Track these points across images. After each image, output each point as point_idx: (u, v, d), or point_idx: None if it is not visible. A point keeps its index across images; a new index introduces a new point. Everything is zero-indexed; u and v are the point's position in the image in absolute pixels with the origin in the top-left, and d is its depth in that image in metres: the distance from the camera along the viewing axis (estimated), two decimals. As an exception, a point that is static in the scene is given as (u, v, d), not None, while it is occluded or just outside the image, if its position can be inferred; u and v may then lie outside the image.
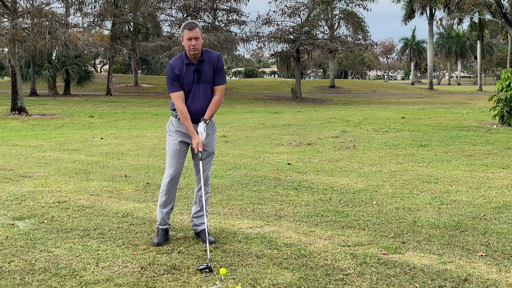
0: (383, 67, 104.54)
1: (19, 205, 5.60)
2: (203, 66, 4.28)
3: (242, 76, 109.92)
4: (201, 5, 37.48)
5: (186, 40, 4.19)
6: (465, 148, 9.88)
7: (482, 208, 5.38)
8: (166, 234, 4.40)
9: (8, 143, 11.41)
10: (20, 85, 21.48)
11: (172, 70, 4.27)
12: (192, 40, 4.16)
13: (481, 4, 29.02)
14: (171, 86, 4.28)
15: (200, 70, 4.26)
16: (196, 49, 4.19)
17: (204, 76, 4.28)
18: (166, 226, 4.42)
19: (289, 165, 8.20)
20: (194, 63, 4.26)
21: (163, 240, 4.33)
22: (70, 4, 28.58)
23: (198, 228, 4.44)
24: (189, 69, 4.26)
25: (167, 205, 4.43)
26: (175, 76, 4.25)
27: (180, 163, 4.38)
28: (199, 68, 4.26)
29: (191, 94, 4.29)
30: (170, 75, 4.28)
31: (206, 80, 4.30)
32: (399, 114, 19.81)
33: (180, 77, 4.25)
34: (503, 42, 67.23)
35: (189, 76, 4.25)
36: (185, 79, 4.26)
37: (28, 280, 3.55)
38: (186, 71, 4.25)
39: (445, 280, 3.53)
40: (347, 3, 40.13)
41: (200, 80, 4.27)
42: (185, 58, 4.27)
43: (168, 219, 4.45)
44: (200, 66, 4.27)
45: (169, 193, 4.40)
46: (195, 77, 4.26)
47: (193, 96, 4.28)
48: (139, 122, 18.06)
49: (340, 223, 4.91)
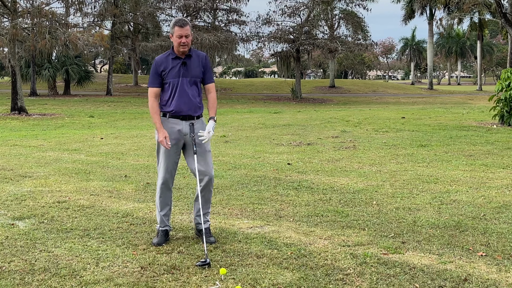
0: (383, 67, 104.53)
1: (19, 205, 5.60)
2: (190, 60, 4.28)
3: (242, 76, 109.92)
4: (201, 5, 37.45)
5: (176, 37, 4.20)
6: (465, 148, 9.88)
7: (482, 208, 5.38)
8: (166, 235, 4.39)
9: (8, 143, 11.41)
10: (20, 85, 21.48)
11: (156, 66, 4.28)
12: (183, 38, 4.18)
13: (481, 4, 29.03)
14: (151, 80, 4.31)
15: (186, 63, 4.26)
16: (186, 46, 4.21)
17: (191, 70, 4.28)
18: (166, 227, 4.41)
19: (289, 165, 8.20)
20: (181, 57, 4.27)
21: (163, 241, 4.33)
22: (70, 4, 28.56)
23: (200, 226, 4.39)
24: (175, 62, 4.26)
25: (164, 208, 4.41)
26: (158, 71, 4.26)
27: (173, 163, 4.34)
28: (186, 61, 4.26)
29: (177, 88, 4.25)
30: (153, 71, 4.30)
31: (193, 74, 4.29)
32: (399, 114, 19.81)
33: (164, 72, 4.25)
34: (503, 42, 67.20)
35: (175, 69, 4.25)
36: (171, 72, 4.25)
37: (28, 280, 3.55)
38: (172, 64, 4.25)
39: (445, 280, 3.53)
40: (347, 3, 40.16)
41: (186, 73, 4.26)
42: (172, 53, 4.29)
43: (167, 221, 4.44)
44: (187, 60, 4.27)
45: (164, 195, 4.38)
46: (181, 70, 4.25)
47: (180, 90, 4.25)
48: (139, 122, 18.06)
49: (340, 223, 4.91)
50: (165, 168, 4.32)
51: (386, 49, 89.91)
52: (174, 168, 4.37)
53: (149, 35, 41.42)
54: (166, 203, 4.41)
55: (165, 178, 4.34)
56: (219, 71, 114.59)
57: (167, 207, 4.43)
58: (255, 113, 22.71)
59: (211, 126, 4.29)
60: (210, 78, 4.41)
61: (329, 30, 41.59)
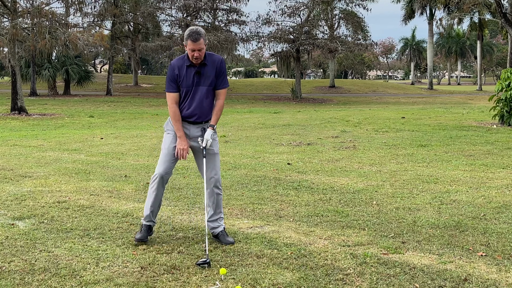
0: (383, 67, 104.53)
1: (19, 205, 5.60)
2: (205, 69, 4.28)
3: (242, 76, 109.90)
4: (201, 5, 37.46)
5: (189, 50, 4.20)
6: (465, 148, 9.88)
7: (482, 208, 5.38)
8: (149, 231, 4.40)
9: (8, 143, 11.41)
10: (20, 85, 21.48)
11: (172, 70, 4.30)
12: (196, 52, 4.18)
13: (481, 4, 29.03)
14: (168, 86, 4.33)
15: (201, 72, 4.27)
16: (198, 59, 4.22)
17: (205, 79, 4.29)
18: (150, 223, 4.41)
19: (289, 165, 8.20)
20: (196, 65, 4.27)
21: (145, 236, 4.33)
22: (70, 4, 28.57)
23: (216, 230, 4.42)
24: (189, 71, 4.27)
25: (154, 203, 4.41)
26: (174, 76, 4.27)
27: (171, 162, 4.36)
28: (200, 70, 4.27)
29: (190, 96, 4.29)
30: (169, 75, 4.32)
31: (206, 83, 4.30)
32: (399, 114, 19.81)
33: (179, 78, 4.27)
34: (503, 42, 67.23)
35: (189, 77, 4.26)
36: (185, 81, 4.27)
37: (28, 280, 3.55)
38: (187, 73, 4.26)
39: (445, 280, 3.53)
40: (347, 3, 40.15)
41: (200, 82, 4.28)
42: (187, 60, 4.29)
43: (153, 216, 4.43)
44: (201, 69, 4.28)
45: (157, 190, 4.38)
46: (195, 79, 4.27)
47: (192, 98, 4.28)
48: (139, 122, 18.06)
49: (340, 223, 4.91)
50: (164, 165, 4.34)
51: (386, 49, 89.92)
52: (172, 167, 4.40)
53: (149, 35, 41.43)
54: (158, 197, 4.40)
55: (161, 174, 4.34)
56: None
57: (158, 202, 4.42)
58: (255, 113, 22.71)
59: (209, 135, 4.28)
60: (223, 83, 4.39)
61: (329, 30, 41.59)
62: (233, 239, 4.38)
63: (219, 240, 4.36)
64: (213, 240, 4.38)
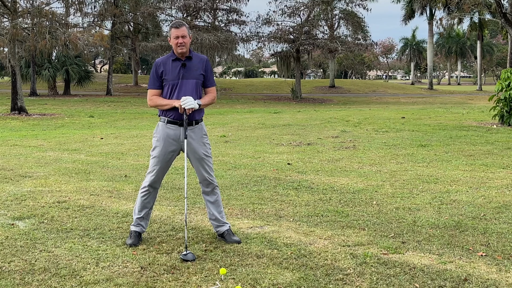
0: (383, 67, 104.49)
1: (19, 205, 5.60)
2: (191, 62, 4.27)
3: (242, 76, 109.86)
4: (201, 5, 37.47)
5: (173, 39, 4.21)
6: (465, 148, 9.88)
7: (482, 208, 5.38)
8: (139, 236, 4.37)
9: (8, 143, 11.41)
10: (20, 85, 21.48)
11: (156, 67, 4.28)
12: (179, 38, 4.18)
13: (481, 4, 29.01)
14: (150, 82, 4.30)
15: (186, 65, 4.25)
16: (183, 47, 4.20)
17: (191, 72, 4.25)
18: (138, 228, 4.38)
19: (289, 165, 8.20)
20: (182, 59, 4.26)
21: (137, 242, 4.30)
22: (70, 4, 28.53)
23: (221, 229, 4.41)
24: (175, 64, 4.24)
25: (142, 210, 4.39)
26: (158, 73, 4.25)
27: (162, 169, 4.33)
28: (185, 63, 4.25)
29: (176, 89, 4.23)
30: (152, 72, 4.29)
31: (193, 76, 4.26)
32: (399, 114, 19.81)
33: (164, 74, 4.24)
34: (503, 42, 67.19)
35: (175, 70, 4.23)
36: (171, 74, 4.23)
37: (28, 280, 3.55)
38: (172, 66, 4.24)
39: (445, 280, 3.53)
40: (347, 3, 40.12)
41: (187, 75, 4.24)
42: (172, 55, 4.28)
43: (144, 223, 4.40)
44: (187, 62, 4.26)
45: (147, 198, 4.36)
46: (181, 71, 4.23)
47: (179, 91, 4.22)
48: (139, 122, 18.06)
49: (340, 223, 4.91)
50: (155, 172, 4.31)
51: (386, 49, 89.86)
52: (164, 173, 4.38)
53: (149, 35, 41.42)
54: (145, 206, 4.38)
55: (152, 181, 4.33)
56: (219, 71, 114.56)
57: (146, 210, 4.39)
58: (255, 113, 22.71)
59: (194, 101, 4.15)
60: (211, 82, 4.40)
61: (329, 30, 41.59)
62: (239, 238, 4.37)
63: (224, 239, 4.35)
64: (213, 240, 4.39)
